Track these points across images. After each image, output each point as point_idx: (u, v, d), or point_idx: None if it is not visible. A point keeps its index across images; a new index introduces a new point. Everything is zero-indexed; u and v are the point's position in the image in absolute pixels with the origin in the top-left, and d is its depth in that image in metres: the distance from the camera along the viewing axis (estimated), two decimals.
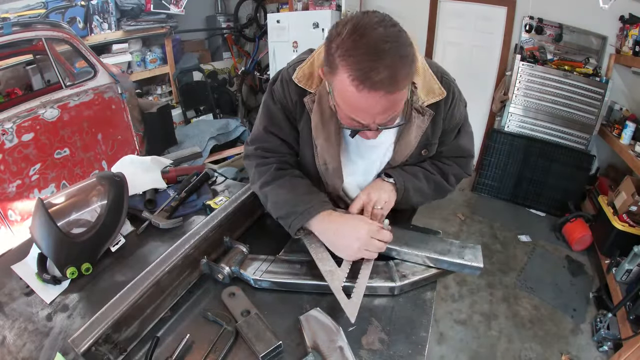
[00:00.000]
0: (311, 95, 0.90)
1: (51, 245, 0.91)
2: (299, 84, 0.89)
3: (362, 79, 0.65)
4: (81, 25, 3.18)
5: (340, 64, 0.68)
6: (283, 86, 0.94)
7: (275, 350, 0.69)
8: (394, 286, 0.84)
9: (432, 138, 0.97)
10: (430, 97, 0.88)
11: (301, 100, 0.92)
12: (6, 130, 2.10)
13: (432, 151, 1.01)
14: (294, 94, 0.93)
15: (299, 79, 0.89)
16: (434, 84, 0.88)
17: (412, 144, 0.94)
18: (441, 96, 0.88)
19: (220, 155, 3.82)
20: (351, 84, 0.67)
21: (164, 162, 1.39)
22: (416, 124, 0.91)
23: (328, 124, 0.90)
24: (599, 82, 2.91)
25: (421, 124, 0.91)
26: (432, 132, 0.95)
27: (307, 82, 0.89)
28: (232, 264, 0.88)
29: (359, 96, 0.68)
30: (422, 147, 0.98)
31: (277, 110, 0.97)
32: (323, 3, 3.83)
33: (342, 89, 0.70)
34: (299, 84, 0.89)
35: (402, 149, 0.96)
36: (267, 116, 1.00)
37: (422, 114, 0.89)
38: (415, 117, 0.90)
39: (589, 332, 2.07)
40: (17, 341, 0.76)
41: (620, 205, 2.46)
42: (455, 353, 1.94)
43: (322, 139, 0.92)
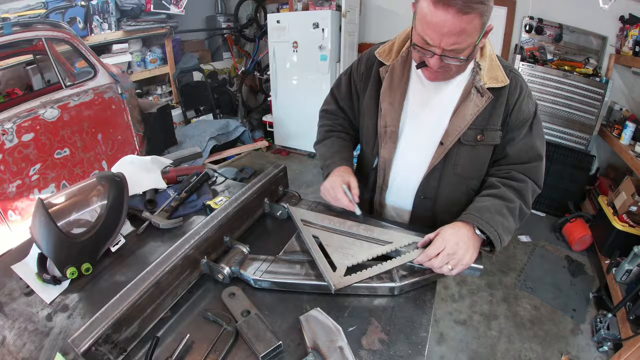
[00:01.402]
0: (386, 67, 1.05)
1: (51, 245, 0.91)
2: (379, 57, 1.07)
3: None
4: (81, 25, 3.18)
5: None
6: (359, 61, 1.15)
7: (275, 350, 0.69)
8: (394, 286, 0.84)
9: (489, 123, 0.98)
10: (493, 82, 0.95)
11: (367, 73, 1.11)
12: (6, 130, 2.10)
13: (490, 139, 1.00)
14: (362, 66, 1.13)
15: (380, 54, 1.07)
16: (498, 72, 0.96)
17: (467, 119, 0.97)
18: (503, 83, 0.94)
19: (220, 156, 3.83)
20: (430, 1, 0.77)
21: (164, 162, 1.39)
22: (474, 101, 0.96)
23: (395, 91, 1.04)
24: (599, 83, 2.92)
25: (479, 102, 0.96)
26: (489, 116, 0.98)
27: (386, 56, 1.06)
28: (232, 264, 0.88)
29: (434, 12, 0.76)
30: (477, 131, 0.99)
31: (346, 79, 1.19)
32: (323, 3, 3.83)
33: (422, 9, 0.80)
34: (379, 57, 1.07)
35: (456, 123, 0.98)
36: (336, 84, 1.24)
37: (482, 94, 0.95)
38: (474, 95, 0.96)
39: (589, 332, 2.08)
40: (17, 341, 0.76)
41: (620, 205, 2.47)
42: (455, 353, 1.94)
43: (387, 102, 1.05)
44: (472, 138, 1.00)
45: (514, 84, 0.97)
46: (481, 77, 0.95)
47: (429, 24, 0.79)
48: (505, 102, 0.97)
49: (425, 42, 0.83)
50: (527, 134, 1.01)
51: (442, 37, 0.79)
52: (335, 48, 3.81)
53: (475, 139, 1.00)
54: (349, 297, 0.84)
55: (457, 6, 0.74)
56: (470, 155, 1.02)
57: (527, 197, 0.99)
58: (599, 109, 2.96)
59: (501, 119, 0.98)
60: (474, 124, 0.98)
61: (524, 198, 0.99)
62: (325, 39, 3.73)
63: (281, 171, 1.20)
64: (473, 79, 0.96)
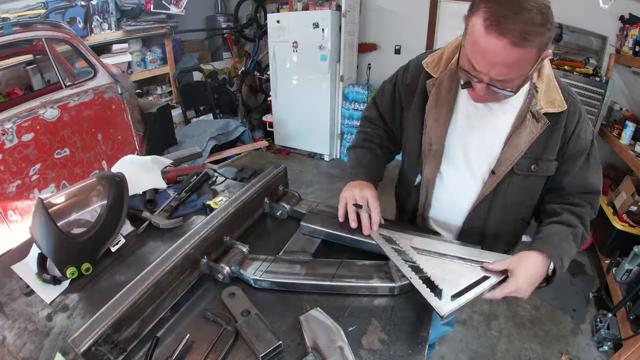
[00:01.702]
0: (433, 80, 0.98)
1: (51, 245, 0.91)
2: (426, 68, 0.99)
3: (494, 22, 0.68)
4: (81, 25, 3.18)
5: (481, 6, 0.71)
6: (405, 70, 1.07)
7: (275, 350, 0.69)
8: (394, 286, 0.84)
9: (544, 152, 0.91)
10: (550, 107, 0.87)
11: (413, 85, 1.03)
12: (6, 130, 2.10)
13: (545, 170, 0.94)
14: (409, 77, 1.05)
15: (427, 64, 0.99)
16: (556, 94, 0.87)
17: (521, 148, 0.90)
18: (560, 108, 0.87)
19: (220, 155, 3.83)
20: (482, 24, 0.70)
21: (164, 162, 1.39)
22: (529, 128, 0.88)
23: (441, 107, 0.97)
24: (599, 82, 2.91)
25: (534, 129, 0.88)
26: (545, 144, 0.90)
27: (434, 68, 0.98)
28: (232, 264, 0.88)
29: (485, 37, 0.70)
30: (532, 160, 0.92)
31: (390, 87, 1.12)
32: (323, 3, 3.83)
33: (473, 29, 0.73)
34: (426, 68, 0.99)
35: (509, 152, 0.91)
36: (380, 90, 1.17)
37: (537, 119, 0.87)
38: (530, 120, 0.88)
39: (589, 332, 2.07)
40: (17, 341, 0.76)
41: (620, 205, 2.46)
42: (455, 353, 1.94)
43: (433, 119, 0.99)
44: (526, 168, 0.93)
45: (573, 109, 0.88)
46: (537, 100, 0.87)
47: (479, 49, 0.73)
48: (563, 130, 0.89)
49: (472, 66, 0.76)
50: (584, 166, 0.94)
51: (491, 67, 0.73)
52: (335, 48, 3.81)
53: (529, 168, 0.93)
54: (349, 297, 0.84)
55: (512, 37, 0.67)
56: (523, 185, 0.96)
57: (587, 221, 0.95)
58: (599, 109, 2.95)
59: (557, 147, 0.91)
60: (528, 152, 0.90)
61: (584, 223, 0.94)
62: (325, 39, 3.73)
63: (281, 171, 1.20)
64: (529, 102, 0.88)
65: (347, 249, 0.97)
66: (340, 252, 0.97)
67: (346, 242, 0.96)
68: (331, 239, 0.98)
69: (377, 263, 0.89)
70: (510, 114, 0.91)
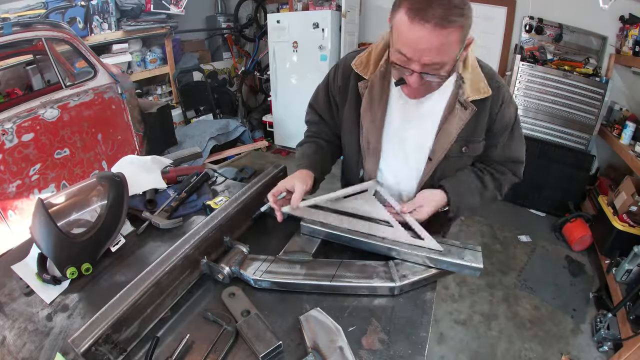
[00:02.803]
0: (365, 82, 1.01)
1: (51, 245, 0.91)
2: (356, 69, 1.01)
3: (417, 11, 0.73)
4: (81, 25, 3.18)
5: (402, 3, 0.76)
6: (335, 72, 1.10)
7: (275, 350, 0.69)
8: (394, 286, 0.84)
9: (473, 135, 0.99)
10: (476, 94, 0.94)
11: (345, 86, 1.06)
12: (6, 130, 2.10)
13: (474, 150, 1.03)
14: (339, 79, 1.07)
15: (357, 66, 1.01)
16: (481, 82, 0.94)
17: (453, 135, 0.97)
18: (485, 94, 0.93)
19: (220, 156, 3.83)
20: (406, 15, 0.74)
21: (164, 162, 1.39)
22: (458, 115, 0.95)
23: (375, 109, 1.01)
24: (599, 82, 2.91)
25: (463, 116, 0.95)
26: (473, 128, 0.98)
27: (363, 69, 1.01)
28: (232, 264, 0.88)
29: (410, 27, 0.74)
30: (463, 143, 1.00)
31: (323, 89, 1.15)
32: (323, 3, 3.83)
33: (399, 23, 0.77)
34: (356, 69, 1.01)
35: (442, 140, 0.99)
36: (314, 94, 1.20)
37: (465, 107, 0.94)
38: (458, 109, 0.95)
39: (589, 332, 2.07)
40: (17, 341, 0.76)
41: (620, 205, 2.47)
42: (455, 353, 1.94)
43: (369, 121, 1.03)
44: (458, 151, 1.01)
45: (496, 93, 0.96)
46: (464, 90, 0.94)
47: (406, 40, 0.77)
48: (489, 113, 0.97)
49: (403, 57, 0.80)
50: (509, 139, 1.05)
51: (420, 53, 0.77)
52: (335, 48, 3.80)
53: (460, 151, 1.01)
54: (349, 297, 0.84)
55: (435, 20, 0.72)
56: (456, 164, 1.05)
57: (503, 186, 1.09)
58: (599, 109, 2.96)
59: (484, 129, 1.00)
60: (458, 136, 0.98)
61: (500, 187, 1.09)
62: (325, 39, 3.73)
63: (281, 171, 1.20)
64: (456, 92, 0.95)
65: (347, 249, 0.97)
66: (340, 252, 0.97)
67: (346, 242, 0.96)
68: (331, 239, 0.98)
69: (377, 263, 0.89)
70: (441, 105, 0.97)
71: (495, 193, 1.08)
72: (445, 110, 0.96)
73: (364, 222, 0.97)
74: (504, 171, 1.09)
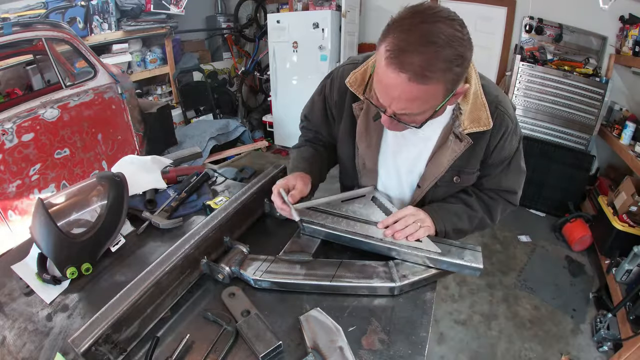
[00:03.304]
0: (360, 103, 0.94)
1: (51, 245, 0.91)
2: (350, 88, 0.92)
3: (394, 56, 0.65)
4: (81, 25, 3.18)
5: (388, 35, 0.68)
6: (331, 85, 1.02)
7: (275, 350, 0.69)
8: (394, 286, 0.84)
9: (466, 166, 0.94)
10: (474, 126, 0.86)
11: (341, 100, 1.00)
12: (6, 130, 2.10)
13: (467, 181, 0.98)
14: (335, 93, 1.01)
15: (351, 84, 0.92)
16: (482, 113, 0.85)
17: (444, 166, 0.93)
18: (486, 127, 0.85)
19: (220, 156, 3.83)
20: (384, 55, 0.67)
21: (164, 162, 1.39)
22: (451, 147, 0.89)
23: (371, 133, 0.97)
24: (599, 82, 2.92)
25: (456, 148, 0.89)
26: (467, 160, 0.92)
27: (358, 88, 0.92)
28: (232, 264, 0.88)
29: (385, 70, 0.67)
30: (455, 173, 0.95)
31: (319, 102, 1.08)
32: (323, 3, 3.83)
33: (378, 58, 0.70)
34: (350, 88, 0.92)
35: (433, 169, 0.95)
36: (309, 104, 1.14)
37: (461, 139, 0.88)
38: (452, 141, 0.89)
39: (589, 332, 2.07)
40: (17, 341, 0.76)
41: (620, 205, 2.47)
42: (455, 353, 1.94)
43: (365, 145, 0.99)
44: (449, 179, 0.97)
45: (498, 123, 0.88)
46: (461, 122, 0.86)
47: (379, 81, 0.71)
48: (486, 146, 0.91)
49: (376, 100, 0.75)
50: (504, 170, 0.98)
51: (391, 100, 0.71)
52: (335, 48, 3.81)
53: (452, 180, 0.97)
54: (349, 297, 0.84)
55: (410, 73, 0.64)
56: (447, 192, 1.01)
57: (494, 212, 1.02)
58: (599, 109, 2.96)
59: (480, 161, 0.94)
60: (450, 167, 0.93)
61: (491, 213, 1.02)
62: (325, 39, 3.73)
63: (281, 171, 1.20)
64: (452, 123, 0.88)
65: (347, 249, 0.97)
66: (340, 252, 0.97)
67: (346, 242, 0.96)
68: (331, 239, 0.98)
69: (377, 263, 0.89)
70: (435, 133, 0.92)
71: (485, 217, 1.01)
72: (439, 140, 0.92)
73: (361, 224, 0.97)
74: (495, 197, 1.03)
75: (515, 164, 0.99)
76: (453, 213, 0.98)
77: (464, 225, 0.99)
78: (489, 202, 1.02)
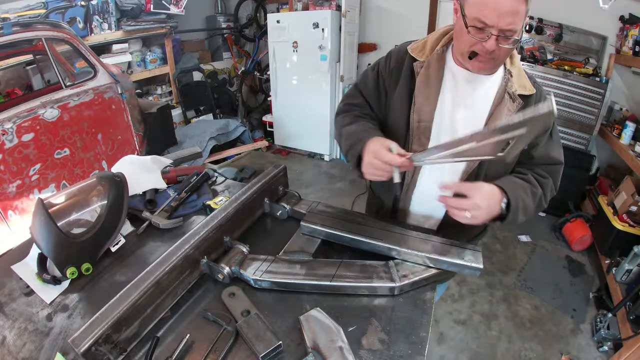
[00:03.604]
0: (420, 62, 1.03)
1: (51, 245, 0.91)
2: (411, 52, 1.04)
3: None
4: (81, 25, 3.18)
5: None
6: (387, 58, 1.11)
7: (275, 350, 0.69)
8: (394, 286, 0.84)
9: None
10: (522, 90, 0.97)
11: (398, 68, 1.07)
12: (6, 130, 2.10)
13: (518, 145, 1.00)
14: (393, 62, 1.09)
15: (413, 49, 1.05)
16: (526, 81, 0.99)
17: None
18: (531, 91, 0.98)
19: (220, 156, 3.83)
20: None
21: (164, 162, 1.39)
22: (507, 106, 0.97)
23: (430, 86, 1.02)
24: (599, 82, 2.91)
25: (511, 107, 0.97)
26: None
27: (419, 53, 1.04)
28: (232, 264, 0.88)
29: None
30: None
31: (373, 76, 1.14)
32: (323, 3, 3.83)
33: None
34: (411, 52, 1.04)
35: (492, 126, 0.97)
36: (362, 79, 1.19)
37: (513, 99, 0.97)
38: (507, 100, 0.97)
39: (589, 332, 2.07)
40: (17, 341, 0.76)
41: (620, 205, 2.47)
42: (455, 353, 1.94)
43: (423, 97, 1.03)
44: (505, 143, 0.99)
45: (539, 93, 1.00)
46: (512, 83, 0.98)
47: (487, 4, 0.81)
48: None
49: (482, 22, 0.83)
50: (548, 141, 1.05)
51: (500, 17, 0.81)
52: (335, 48, 3.81)
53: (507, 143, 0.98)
54: (349, 297, 0.84)
55: None
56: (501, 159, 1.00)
57: (546, 191, 1.05)
58: (599, 109, 2.96)
59: None
60: None
61: (545, 191, 1.05)
62: (325, 39, 3.73)
63: (281, 171, 1.20)
64: (505, 84, 0.98)
65: (347, 249, 0.97)
66: (340, 252, 0.97)
67: (346, 242, 0.96)
68: (331, 239, 0.98)
69: (377, 263, 0.89)
70: (492, 92, 1.00)
71: (542, 195, 1.03)
72: (496, 99, 0.99)
73: None
74: (545, 175, 1.06)
75: (556, 135, 1.07)
76: (522, 190, 0.97)
77: (530, 205, 0.99)
78: (542, 181, 1.05)
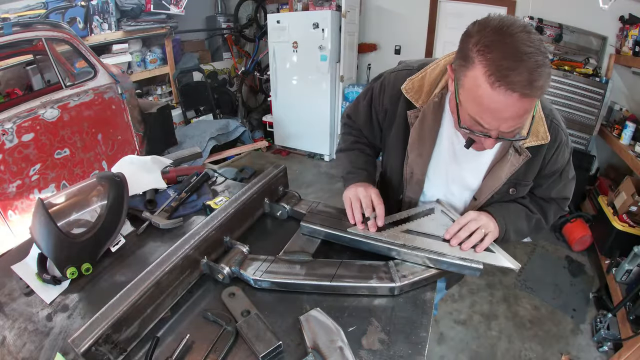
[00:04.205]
0: (415, 111, 0.93)
1: (51, 245, 0.91)
2: (406, 94, 0.92)
3: (500, 77, 0.64)
4: (81, 25, 3.18)
5: (478, 59, 0.66)
6: (380, 90, 1.00)
7: (275, 350, 0.69)
8: (394, 286, 0.84)
9: (523, 179, 0.94)
10: (533, 140, 0.86)
11: (392, 111, 0.98)
12: (6, 131, 2.10)
13: (521, 192, 0.98)
14: (387, 101, 0.99)
15: (407, 90, 0.92)
16: (540, 127, 0.86)
17: (502, 179, 0.93)
18: (544, 141, 0.86)
19: (220, 156, 3.83)
20: (487, 81, 0.65)
21: (164, 162, 1.39)
22: (510, 161, 0.89)
23: (424, 142, 0.95)
24: (599, 83, 2.91)
25: (515, 162, 0.89)
26: (524, 173, 0.93)
27: (414, 95, 0.92)
28: (232, 264, 0.88)
29: (492, 94, 0.66)
30: (510, 186, 0.95)
31: (365, 107, 1.07)
32: (323, 3, 3.83)
33: (475, 86, 0.68)
34: (406, 94, 0.92)
35: (490, 183, 0.95)
36: (354, 109, 1.13)
37: (520, 153, 0.88)
38: (512, 154, 0.89)
39: (589, 332, 2.08)
40: (17, 341, 0.76)
41: (620, 205, 2.47)
42: (455, 353, 1.94)
43: (416, 154, 0.97)
44: (505, 191, 0.96)
45: (553, 137, 0.88)
46: None
47: (486, 107, 0.69)
48: (542, 158, 0.91)
49: (478, 125, 0.73)
50: (555, 181, 0.99)
51: (501, 122, 0.70)
52: (335, 48, 3.81)
53: (507, 192, 0.96)
54: (349, 297, 0.84)
55: (521, 89, 0.63)
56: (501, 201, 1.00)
57: (548, 214, 1.02)
58: (599, 109, 2.96)
59: (535, 174, 0.95)
60: (507, 180, 0.93)
61: (546, 215, 1.02)
62: (325, 39, 3.73)
63: (281, 171, 1.20)
64: None
65: (347, 249, 0.97)
66: (340, 252, 0.97)
67: (346, 242, 0.96)
68: (331, 239, 0.98)
69: (377, 263, 0.89)
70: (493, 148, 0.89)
71: (540, 218, 1.01)
72: (498, 154, 0.91)
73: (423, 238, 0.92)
74: (548, 200, 1.03)
75: (566, 175, 0.99)
76: (512, 211, 0.96)
77: (524, 225, 0.98)
78: (542, 204, 1.02)
